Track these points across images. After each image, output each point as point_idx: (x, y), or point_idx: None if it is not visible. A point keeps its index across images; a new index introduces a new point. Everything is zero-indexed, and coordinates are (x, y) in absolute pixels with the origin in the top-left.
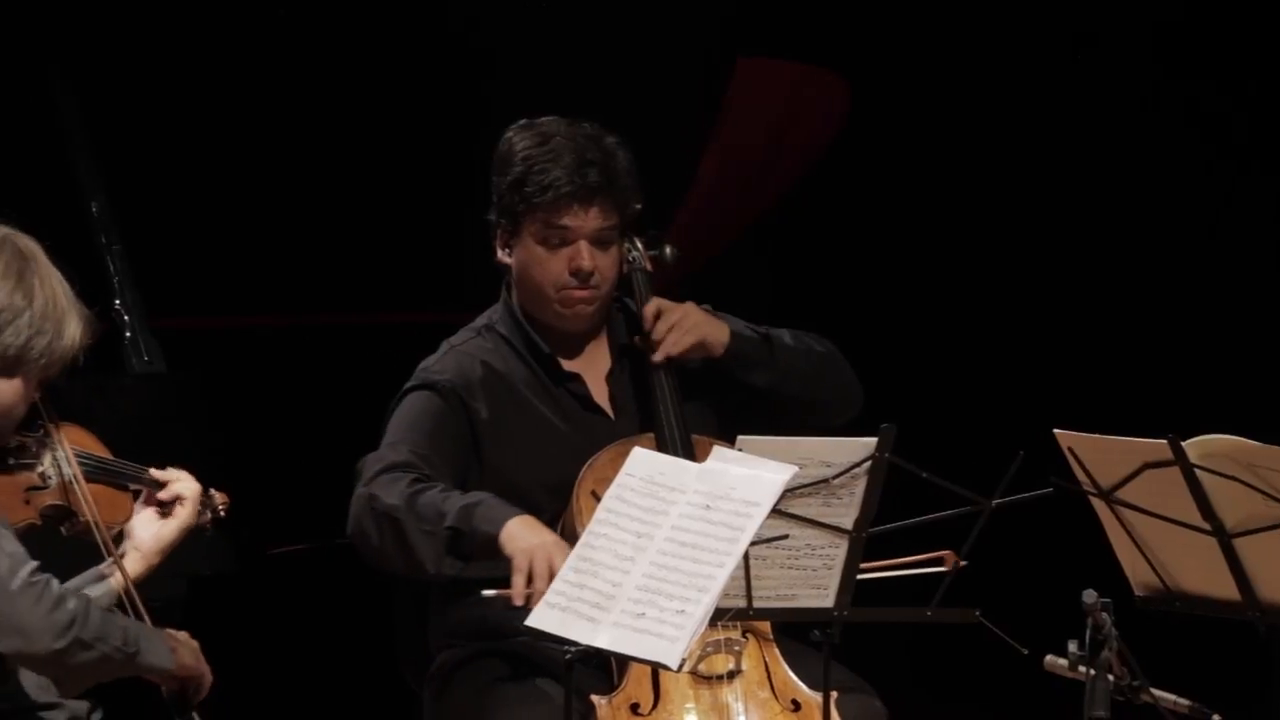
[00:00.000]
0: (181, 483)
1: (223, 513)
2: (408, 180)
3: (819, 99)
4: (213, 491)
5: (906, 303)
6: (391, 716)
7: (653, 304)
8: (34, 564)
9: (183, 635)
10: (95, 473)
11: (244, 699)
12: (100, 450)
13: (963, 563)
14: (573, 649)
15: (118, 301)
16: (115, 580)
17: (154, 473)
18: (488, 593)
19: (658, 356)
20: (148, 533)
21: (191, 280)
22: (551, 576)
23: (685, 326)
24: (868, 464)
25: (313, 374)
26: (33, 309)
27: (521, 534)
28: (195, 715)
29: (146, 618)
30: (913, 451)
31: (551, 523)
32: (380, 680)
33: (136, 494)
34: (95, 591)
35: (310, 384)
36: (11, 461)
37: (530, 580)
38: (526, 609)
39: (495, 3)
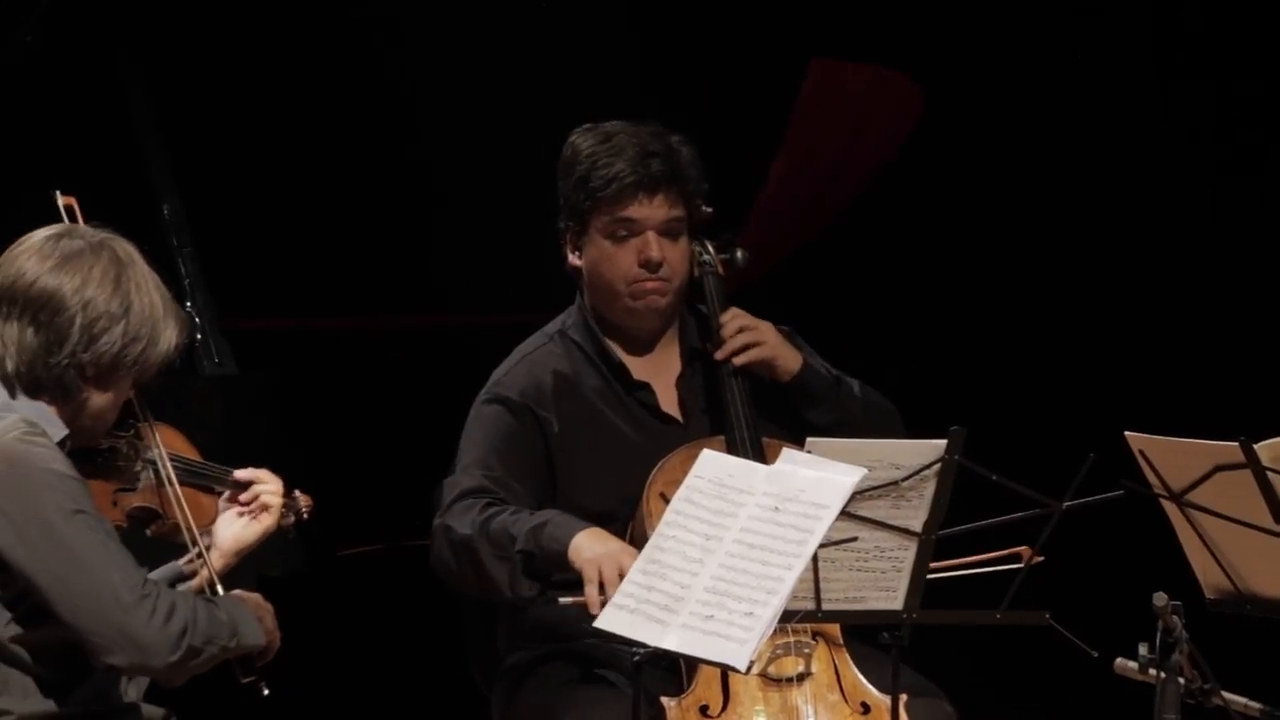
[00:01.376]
0: (267, 486)
1: (306, 515)
2: (481, 181)
3: (891, 101)
4: (297, 493)
5: (977, 304)
6: (461, 718)
7: (732, 311)
8: (143, 573)
9: (257, 599)
10: (185, 475)
11: (314, 700)
12: (191, 452)
13: (1040, 557)
14: (641, 650)
15: (189, 304)
16: (196, 582)
17: (238, 474)
18: (565, 600)
19: (721, 354)
20: (228, 533)
21: (262, 282)
22: (622, 582)
23: (760, 339)
24: (937, 466)
25: (382, 375)
26: (129, 317)
27: (588, 545)
28: (259, 678)
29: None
30: (982, 454)
31: (623, 531)
32: (449, 682)
33: (221, 494)
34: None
35: (380, 385)
36: (100, 462)
37: (602, 588)
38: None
39: (567, 6)
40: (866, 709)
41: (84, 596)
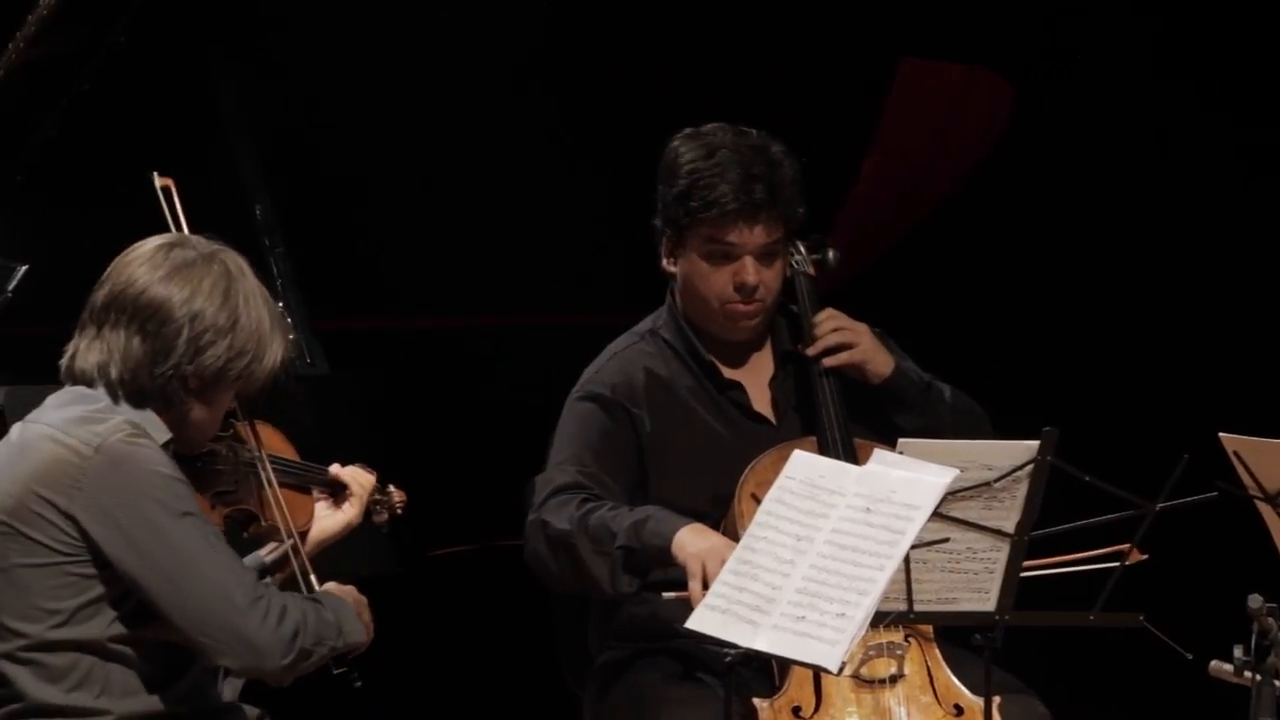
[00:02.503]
0: (355, 478)
1: (400, 510)
2: (575, 180)
3: (982, 100)
4: (391, 489)
5: (1069, 304)
6: (551, 717)
7: (827, 311)
8: (254, 575)
9: (353, 592)
10: (284, 476)
11: (407, 699)
12: (289, 451)
13: (1143, 556)
14: (733, 651)
15: (281, 304)
16: (279, 577)
17: (334, 471)
18: (668, 595)
19: (813, 350)
20: (315, 525)
21: (354, 282)
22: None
23: (854, 340)
24: (1030, 467)
25: (474, 375)
26: (236, 331)
27: (691, 540)
28: (351, 669)
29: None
30: (1075, 455)
31: (715, 529)
32: (541, 681)
33: (316, 493)
34: None
35: (472, 385)
36: (200, 466)
37: (706, 583)
38: None
39: (664, 5)
40: (959, 711)
41: (196, 599)
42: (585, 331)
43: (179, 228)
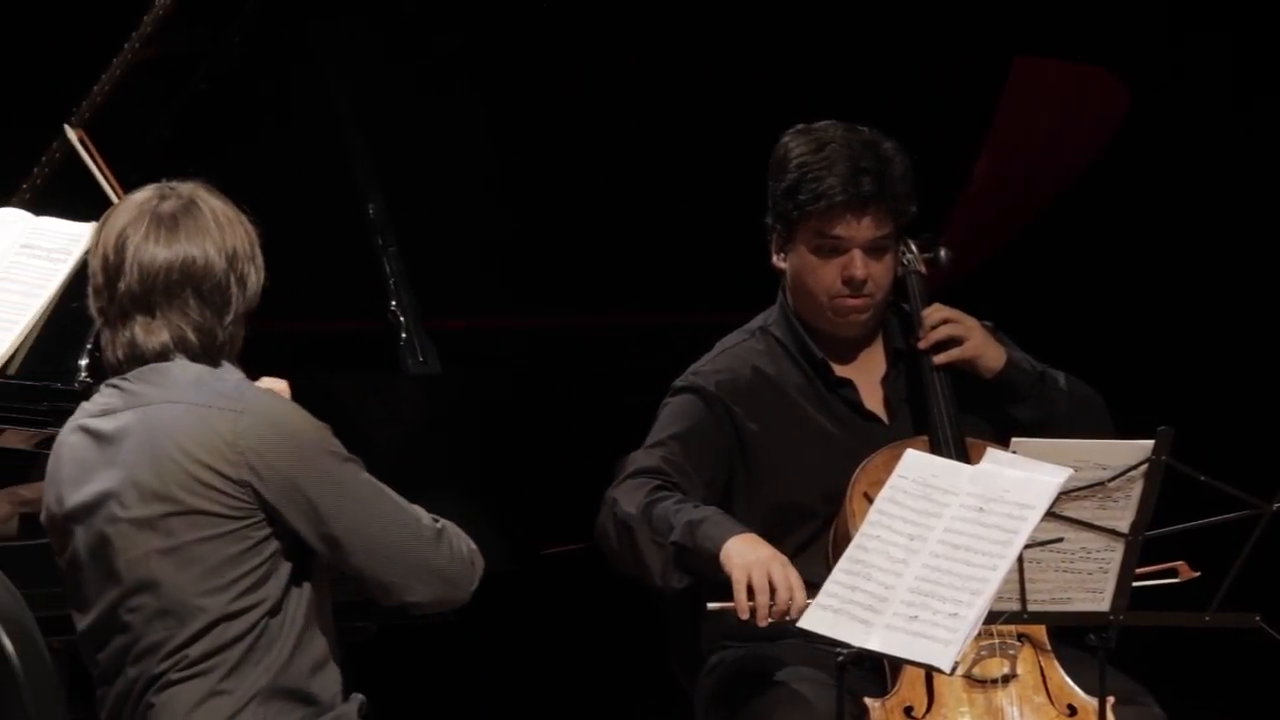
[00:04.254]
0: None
1: None
2: (681, 179)
3: (1097, 99)
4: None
5: (1183, 303)
6: (663, 716)
7: (935, 306)
8: (423, 510)
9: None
10: None
11: (517, 697)
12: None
13: (1195, 574)
14: (845, 651)
15: (393, 303)
16: None
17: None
18: (713, 605)
19: (924, 342)
20: None
21: (466, 280)
22: (771, 589)
23: (964, 335)
24: (1144, 467)
25: (587, 374)
26: (253, 249)
27: (740, 550)
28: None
29: None
30: (1190, 454)
31: (824, 529)
32: (653, 679)
33: None
34: None
35: (585, 383)
36: None
37: (751, 594)
38: (751, 623)
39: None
40: (1073, 711)
41: (386, 540)
42: (698, 330)
43: (103, 175)
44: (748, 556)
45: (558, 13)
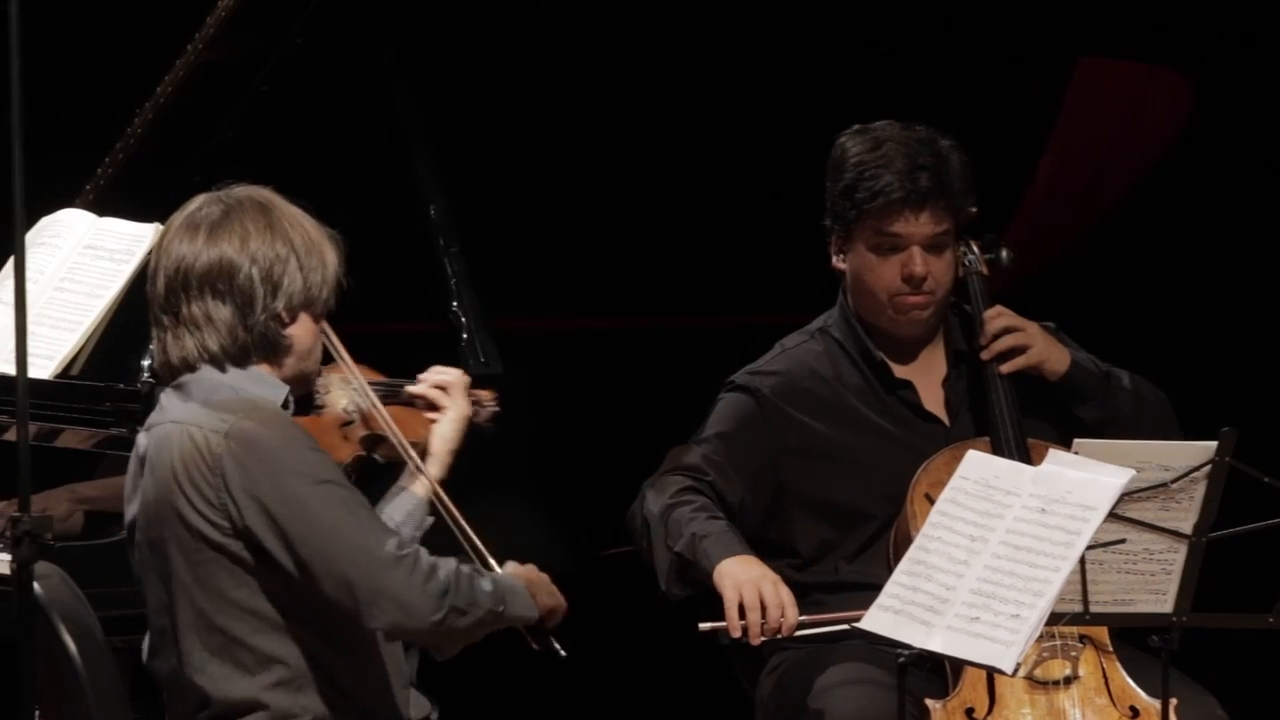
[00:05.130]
0: (442, 374)
1: (496, 407)
2: (742, 181)
3: (1160, 99)
4: (479, 392)
5: (1248, 304)
6: (725, 716)
7: (996, 310)
8: (399, 536)
9: (530, 571)
10: (386, 397)
11: (578, 699)
12: (374, 374)
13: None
14: (906, 652)
15: (455, 304)
16: (419, 488)
17: (421, 378)
18: (704, 626)
19: (987, 355)
20: (433, 436)
21: (528, 282)
22: (762, 607)
23: (1026, 342)
24: (1207, 468)
25: (645, 375)
26: (297, 252)
27: (731, 571)
28: (554, 640)
29: (463, 522)
30: (1254, 455)
31: (885, 530)
32: (714, 680)
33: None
34: (403, 505)
35: (643, 385)
36: (318, 402)
37: (742, 613)
38: (743, 641)
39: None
40: (1135, 713)
41: (341, 561)
42: (759, 332)
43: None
44: (739, 576)
45: (626, 16)
